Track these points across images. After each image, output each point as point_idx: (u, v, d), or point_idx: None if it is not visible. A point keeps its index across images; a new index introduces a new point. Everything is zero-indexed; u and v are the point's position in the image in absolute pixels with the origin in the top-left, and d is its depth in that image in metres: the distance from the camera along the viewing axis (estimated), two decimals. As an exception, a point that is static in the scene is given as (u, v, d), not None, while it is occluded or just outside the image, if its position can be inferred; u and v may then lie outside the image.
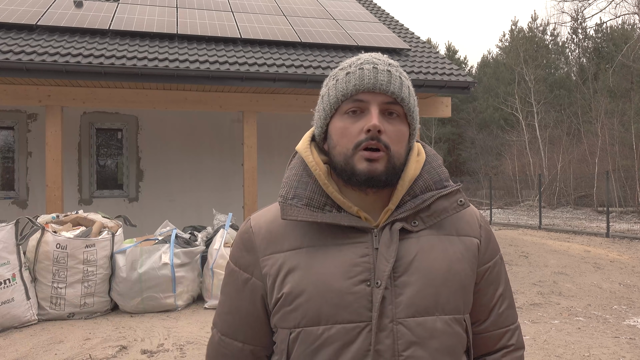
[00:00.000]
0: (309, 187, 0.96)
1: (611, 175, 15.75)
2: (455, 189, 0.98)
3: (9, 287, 4.75)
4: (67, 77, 6.62)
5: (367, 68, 0.94)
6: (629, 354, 4.11)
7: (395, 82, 0.94)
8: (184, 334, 4.54)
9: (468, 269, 0.97)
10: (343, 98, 0.94)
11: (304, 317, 0.91)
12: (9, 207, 8.60)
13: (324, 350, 0.90)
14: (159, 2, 9.18)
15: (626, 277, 7.38)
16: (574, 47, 37.11)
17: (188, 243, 5.75)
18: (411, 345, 0.90)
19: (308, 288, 0.91)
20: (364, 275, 0.91)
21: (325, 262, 0.92)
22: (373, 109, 0.92)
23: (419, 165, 0.99)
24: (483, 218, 1.07)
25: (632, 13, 25.24)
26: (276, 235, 0.97)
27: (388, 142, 0.92)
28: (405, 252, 0.93)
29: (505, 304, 1.04)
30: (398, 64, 1.01)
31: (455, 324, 0.94)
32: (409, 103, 0.96)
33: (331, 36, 8.65)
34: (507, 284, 1.06)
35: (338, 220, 0.93)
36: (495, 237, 1.07)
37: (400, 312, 0.90)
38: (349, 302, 0.90)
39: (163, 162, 9.32)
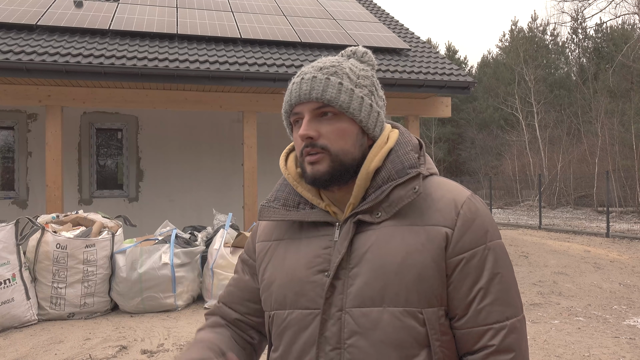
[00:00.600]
0: (287, 189, 1.08)
1: (611, 175, 15.76)
2: (411, 176, 0.95)
3: (9, 287, 4.75)
4: (67, 77, 6.62)
5: (295, 82, 1.00)
6: (629, 354, 4.11)
7: (318, 87, 0.97)
8: (184, 334, 4.54)
9: (429, 260, 0.92)
10: (286, 115, 1.04)
11: (275, 302, 1.02)
12: (9, 207, 8.60)
13: (287, 332, 1.00)
14: (159, 2, 9.18)
15: (626, 277, 7.38)
16: (574, 47, 37.15)
17: (188, 243, 5.75)
18: (354, 334, 0.93)
19: (279, 276, 1.02)
20: (322, 266, 0.97)
21: (296, 253, 1.02)
22: (305, 118, 0.98)
23: (382, 156, 0.99)
24: (469, 205, 0.97)
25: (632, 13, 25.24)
26: (269, 227, 1.12)
27: (326, 143, 0.96)
28: (361, 244, 0.96)
29: (488, 299, 0.93)
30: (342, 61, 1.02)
31: (406, 317, 0.91)
32: (339, 100, 0.96)
33: (331, 36, 8.65)
34: (497, 277, 0.95)
35: (304, 217, 1.02)
36: (485, 226, 0.96)
37: (349, 302, 0.94)
38: (307, 290, 0.98)
39: (163, 162, 9.32)
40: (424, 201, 0.98)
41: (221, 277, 5.42)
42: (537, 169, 26.70)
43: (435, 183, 1.01)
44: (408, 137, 1.05)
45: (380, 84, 1.09)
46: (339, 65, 1.01)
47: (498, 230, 1.01)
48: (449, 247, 0.94)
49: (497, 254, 0.96)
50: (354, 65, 1.03)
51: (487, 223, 0.98)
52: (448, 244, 0.94)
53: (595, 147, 23.71)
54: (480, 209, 0.99)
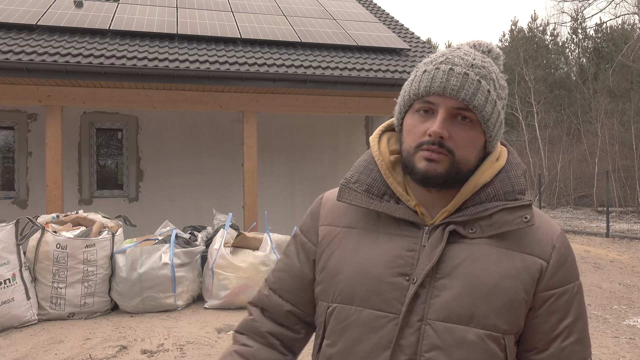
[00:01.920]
0: (372, 174, 0.99)
1: (611, 175, 15.76)
2: (523, 204, 0.92)
3: (9, 287, 4.75)
4: (67, 77, 6.62)
5: (442, 69, 0.91)
6: (629, 354, 4.11)
7: (469, 88, 0.89)
8: (184, 334, 4.54)
9: (521, 289, 0.90)
10: (415, 97, 0.94)
11: (340, 294, 0.95)
12: (9, 207, 8.60)
13: (352, 329, 0.93)
14: (159, 2, 9.19)
15: (626, 277, 7.38)
16: (573, 47, 37.14)
17: (188, 243, 5.75)
18: (434, 348, 0.88)
19: (349, 267, 0.95)
20: (405, 269, 0.92)
21: (372, 248, 0.95)
22: (440, 113, 0.90)
23: (492, 172, 0.95)
24: (562, 240, 0.96)
25: (632, 13, 25.24)
26: (338, 210, 1.03)
27: (452, 147, 0.90)
28: (453, 255, 0.91)
29: (572, 338, 0.93)
30: (490, 62, 0.96)
31: (490, 341, 0.89)
32: (484, 110, 0.90)
33: (331, 36, 8.65)
34: (581, 318, 0.95)
35: (390, 211, 0.95)
36: (574, 264, 0.97)
37: (432, 314, 0.89)
38: (383, 290, 0.92)
39: (163, 162, 9.32)
40: (523, 228, 0.94)
41: (221, 277, 5.43)
42: (537, 169, 26.69)
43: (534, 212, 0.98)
44: (517, 159, 1.01)
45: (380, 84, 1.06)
46: (488, 68, 0.94)
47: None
48: (541, 280, 0.93)
49: (581, 295, 0.97)
50: (498, 72, 0.97)
51: (575, 262, 0.98)
52: (541, 277, 0.93)
53: (595, 147, 23.71)
54: (570, 246, 0.99)
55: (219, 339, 4.42)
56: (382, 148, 1.01)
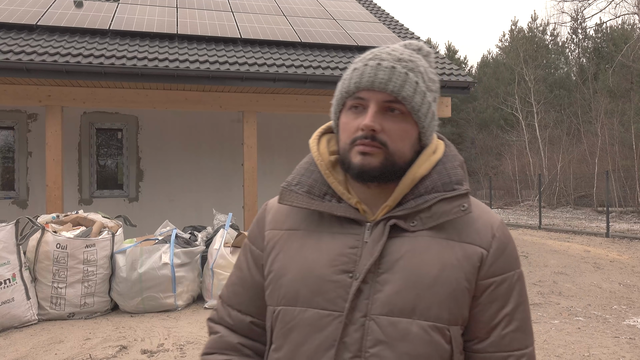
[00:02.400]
0: (313, 175, 0.99)
1: (611, 175, 15.76)
2: (460, 193, 0.93)
3: (9, 287, 4.75)
4: (67, 77, 6.62)
5: (370, 65, 0.93)
6: (628, 354, 4.11)
7: (396, 80, 0.91)
8: (184, 334, 4.54)
9: (462, 278, 0.91)
10: (346, 95, 0.96)
11: (284, 297, 0.95)
12: (9, 207, 8.60)
13: (296, 331, 0.92)
14: (159, 2, 9.19)
15: (626, 277, 7.38)
16: (573, 47, 37.15)
17: (188, 243, 5.75)
18: (379, 343, 0.88)
19: (293, 269, 0.95)
20: (347, 267, 0.92)
21: (315, 248, 0.95)
22: (371, 107, 0.91)
23: (429, 165, 0.96)
24: (502, 229, 0.97)
25: (632, 13, 25.24)
26: (281, 213, 1.03)
27: (385, 139, 0.91)
28: (395, 249, 0.92)
29: (512, 326, 0.94)
30: (419, 57, 0.97)
31: (435, 332, 0.89)
32: (413, 101, 0.92)
33: (331, 36, 8.65)
34: (522, 305, 0.96)
35: (331, 210, 0.95)
36: (514, 253, 0.98)
37: (375, 309, 0.89)
38: (327, 289, 0.91)
39: (163, 162, 9.32)
40: (463, 218, 0.96)
41: (221, 277, 5.43)
42: (537, 169, 26.70)
43: (472, 202, 0.98)
44: (454, 151, 1.02)
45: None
46: (416, 62, 0.95)
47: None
48: (482, 268, 0.93)
49: (522, 283, 0.98)
50: (426, 66, 0.98)
51: (516, 251, 0.99)
52: (482, 265, 0.93)
53: (595, 147, 23.70)
54: (510, 235, 0.99)
55: (219, 339, 4.42)
56: (321, 149, 1.01)
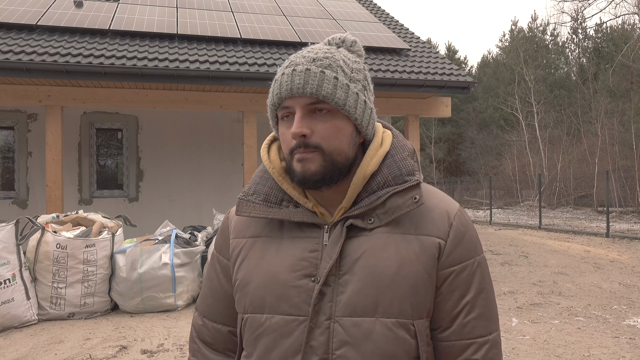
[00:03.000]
0: (268, 183, 0.99)
1: (611, 175, 15.76)
2: (411, 184, 0.92)
3: (9, 287, 4.75)
4: (67, 77, 6.62)
5: (286, 73, 0.93)
6: (629, 354, 4.11)
7: (313, 81, 0.89)
8: (184, 334, 4.54)
9: (422, 271, 0.91)
10: (274, 108, 0.96)
11: (250, 304, 0.95)
12: (9, 207, 8.60)
13: (264, 338, 0.93)
14: (159, 2, 9.19)
15: (626, 277, 7.38)
16: (574, 47, 37.15)
17: (188, 243, 5.75)
18: (344, 344, 0.88)
19: (257, 276, 0.95)
20: (309, 271, 0.92)
21: (277, 254, 0.95)
22: (296, 114, 0.91)
23: (378, 160, 0.95)
24: (460, 217, 0.97)
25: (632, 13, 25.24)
26: (244, 221, 1.03)
27: (319, 141, 0.90)
28: (353, 250, 0.91)
29: (474, 313, 0.94)
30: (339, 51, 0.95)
31: (399, 329, 0.89)
32: (335, 97, 0.90)
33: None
34: (483, 292, 0.95)
35: (288, 216, 0.95)
36: (474, 240, 0.97)
37: (339, 311, 0.89)
38: (291, 295, 0.91)
39: (163, 162, 9.32)
40: (418, 209, 0.95)
41: (221, 277, 5.42)
42: (537, 169, 26.69)
43: (426, 191, 0.98)
44: (403, 140, 1.01)
45: (380, 84, 1.05)
46: (332, 57, 0.93)
47: (481, 244, 1.01)
48: (441, 258, 0.93)
49: (483, 269, 0.97)
50: (347, 57, 0.95)
51: (475, 237, 0.98)
52: (440, 255, 0.93)
53: (595, 147, 23.70)
54: (469, 222, 0.99)
55: (219, 339, 4.42)
56: (272, 156, 1.01)
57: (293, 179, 0.94)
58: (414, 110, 8.41)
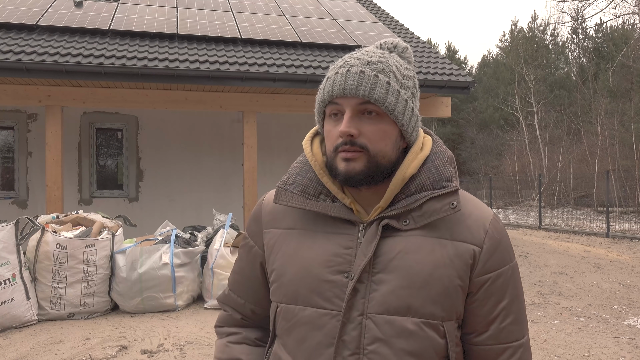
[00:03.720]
0: (308, 175, 1.01)
1: (611, 175, 15.76)
2: (449, 190, 0.94)
3: (9, 287, 4.74)
4: (67, 77, 6.62)
5: (340, 72, 0.95)
6: (629, 354, 4.11)
7: (366, 84, 0.92)
8: (184, 334, 4.54)
9: (455, 276, 0.93)
10: (323, 105, 0.98)
11: (285, 295, 0.98)
12: (9, 207, 8.60)
13: (297, 329, 0.96)
14: (159, 2, 9.18)
15: (626, 277, 7.38)
16: (574, 47, 37.15)
17: (188, 243, 5.75)
18: (376, 341, 0.91)
19: (291, 269, 0.98)
20: (343, 267, 0.94)
21: (311, 248, 0.97)
22: (346, 113, 0.93)
23: (418, 163, 0.97)
24: (495, 224, 0.99)
25: (632, 13, 25.25)
26: (278, 211, 1.05)
27: (366, 142, 0.93)
28: (388, 249, 0.94)
29: (509, 318, 0.98)
30: (392, 56, 0.98)
31: (429, 329, 0.92)
32: (386, 102, 0.93)
33: (331, 36, 8.65)
34: (517, 298, 0.99)
35: (325, 210, 0.97)
36: (508, 247, 1.00)
37: (372, 308, 0.92)
38: (324, 289, 0.94)
39: (163, 162, 9.32)
40: (453, 216, 0.97)
41: (221, 277, 5.42)
42: (537, 169, 26.70)
43: (463, 198, 1.00)
44: (443, 147, 1.03)
45: None
46: (386, 62, 0.96)
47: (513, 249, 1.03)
48: (476, 266, 0.95)
49: (516, 276, 1.00)
50: (399, 63, 0.99)
51: (509, 244, 1.01)
52: (475, 263, 0.95)
53: (595, 147, 23.71)
54: (504, 229, 1.01)
55: (219, 339, 4.41)
56: (314, 149, 1.03)
57: (335, 176, 0.96)
58: (414, 110, 8.40)
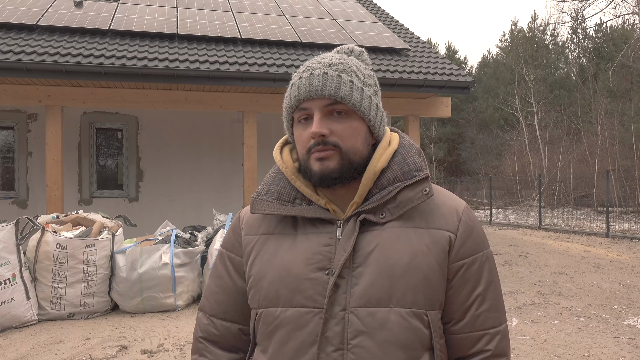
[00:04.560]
0: (281, 183, 1.03)
1: (611, 175, 15.76)
2: (420, 178, 0.97)
3: (9, 287, 4.75)
4: (67, 77, 6.62)
5: (304, 77, 0.98)
6: (629, 354, 4.11)
7: (331, 83, 0.95)
8: (184, 334, 4.54)
9: (434, 263, 0.94)
10: (291, 110, 1.01)
11: (265, 299, 0.98)
12: (9, 207, 8.60)
13: (279, 331, 0.95)
14: (159, 2, 9.18)
15: (626, 277, 7.38)
16: (574, 47, 37.14)
17: (188, 243, 5.75)
18: (359, 334, 0.91)
19: (270, 271, 0.98)
20: (323, 264, 0.95)
21: (291, 249, 0.98)
22: (315, 115, 0.96)
23: (387, 157, 1.00)
24: (467, 213, 1.02)
25: (632, 13, 25.25)
26: (255, 219, 1.07)
27: (337, 140, 0.95)
28: (366, 243, 0.95)
29: (485, 305, 0.98)
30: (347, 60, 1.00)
31: (413, 318, 0.92)
32: (352, 99, 0.95)
33: (331, 36, 8.65)
34: (492, 284, 1.00)
35: (302, 213, 0.99)
36: (481, 234, 1.02)
37: (353, 302, 0.92)
38: (305, 287, 0.94)
39: (163, 162, 9.32)
40: (427, 205, 0.99)
41: (221, 277, 5.42)
42: (537, 169, 26.69)
43: (436, 190, 1.03)
44: (409, 140, 1.06)
45: (380, 84, 1.09)
46: (346, 63, 0.99)
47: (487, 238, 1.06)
48: (452, 252, 0.97)
49: (491, 263, 1.02)
50: (358, 65, 1.02)
51: (483, 232, 1.03)
52: (451, 249, 0.97)
53: (595, 147, 23.70)
54: (476, 218, 1.04)
55: (219, 339, 4.42)
56: (285, 157, 1.06)
57: (310, 178, 0.99)
58: (414, 110, 8.41)
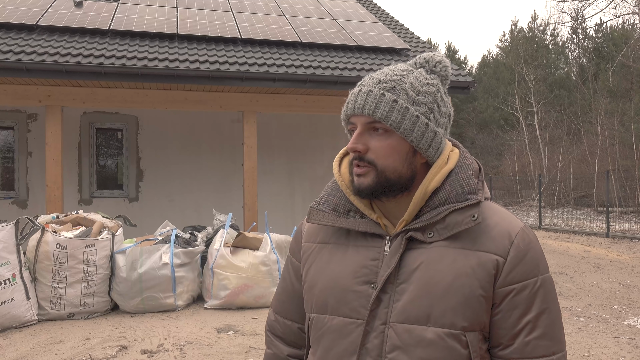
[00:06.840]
0: (338, 194, 1.08)
1: (611, 175, 15.76)
2: (470, 203, 0.96)
3: (9, 287, 4.75)
4: (67, 77, 6.62)
5: (354, 92, 1.01)
6: (629, 354, 4.11)
7: (371, 102, 0.97)
8: (184, 334, 4.54)
9: (477, 285, 0.93)
10: (345, 123, 1.06)
11: (316, 305, 1.04)
12: (9, 207, 8.60)
13: (326, 337, 1.01)
14: (159, 2, 9.18)
15: (626, 277, 7.38)
16: (574, 47, 37.14)
17: (188, 243, 5.74)
18: (396, 349, 0.94)
19: (322, 280, 1.04)
20: (369, 277, 0.98)
21: (342, 260, 1.03)
22: (357, 130, 1.00)
23: (441, 177, 0.99)
24: (522, 236, 0.97)
25: (632, 13, 25.25)
26: (314, 227, 1.12)
27: (373, 158, 0.98)
28: (412, 260, 0.97)
29: (536, 332, 0.95)
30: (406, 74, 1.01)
31: (450, 338, 0.92)
32: (390, 119, 0.96)
33: (331, 36, 8.64)
34: (547, 312, 0.96)
35: (354, 226, 1.02)
36: (536, 260, 0.97)
37: (394, 317, 0.95)
38: (350, 299, 0.98)
39: (163, 162, 9.31)
40: (478, 227, 0.98)
41: (221, 277, 5.42)
42: (537, 169, 26.70)
43: (490, 209, 1.01)
44: (469, 159, 1.04)
45: None
46: (399, 80, 1.00)
47: (547, 263, 1.01)
48: (499, 276, 0.95)
49: (546, 288, 0.98)
50: (418, 79, 1.01)
51: (539, 256, 0.99)
52: (498, 273, 0.95)
53: (595, 147, 23.71)
54: (533, 241, 0.99)
55: (218, 339, 4.42)
56: (342, 170, 1.09)
57: (352, 190, 1.03)
58: (414, 110, 8.40)
